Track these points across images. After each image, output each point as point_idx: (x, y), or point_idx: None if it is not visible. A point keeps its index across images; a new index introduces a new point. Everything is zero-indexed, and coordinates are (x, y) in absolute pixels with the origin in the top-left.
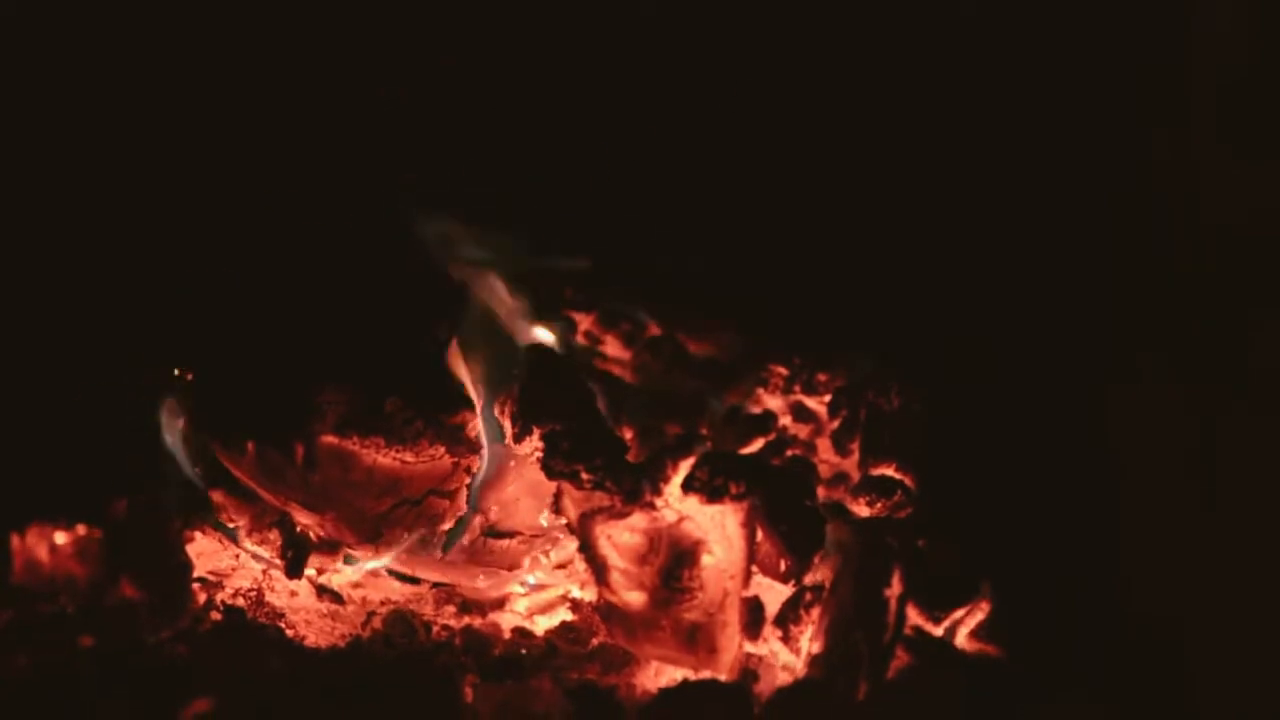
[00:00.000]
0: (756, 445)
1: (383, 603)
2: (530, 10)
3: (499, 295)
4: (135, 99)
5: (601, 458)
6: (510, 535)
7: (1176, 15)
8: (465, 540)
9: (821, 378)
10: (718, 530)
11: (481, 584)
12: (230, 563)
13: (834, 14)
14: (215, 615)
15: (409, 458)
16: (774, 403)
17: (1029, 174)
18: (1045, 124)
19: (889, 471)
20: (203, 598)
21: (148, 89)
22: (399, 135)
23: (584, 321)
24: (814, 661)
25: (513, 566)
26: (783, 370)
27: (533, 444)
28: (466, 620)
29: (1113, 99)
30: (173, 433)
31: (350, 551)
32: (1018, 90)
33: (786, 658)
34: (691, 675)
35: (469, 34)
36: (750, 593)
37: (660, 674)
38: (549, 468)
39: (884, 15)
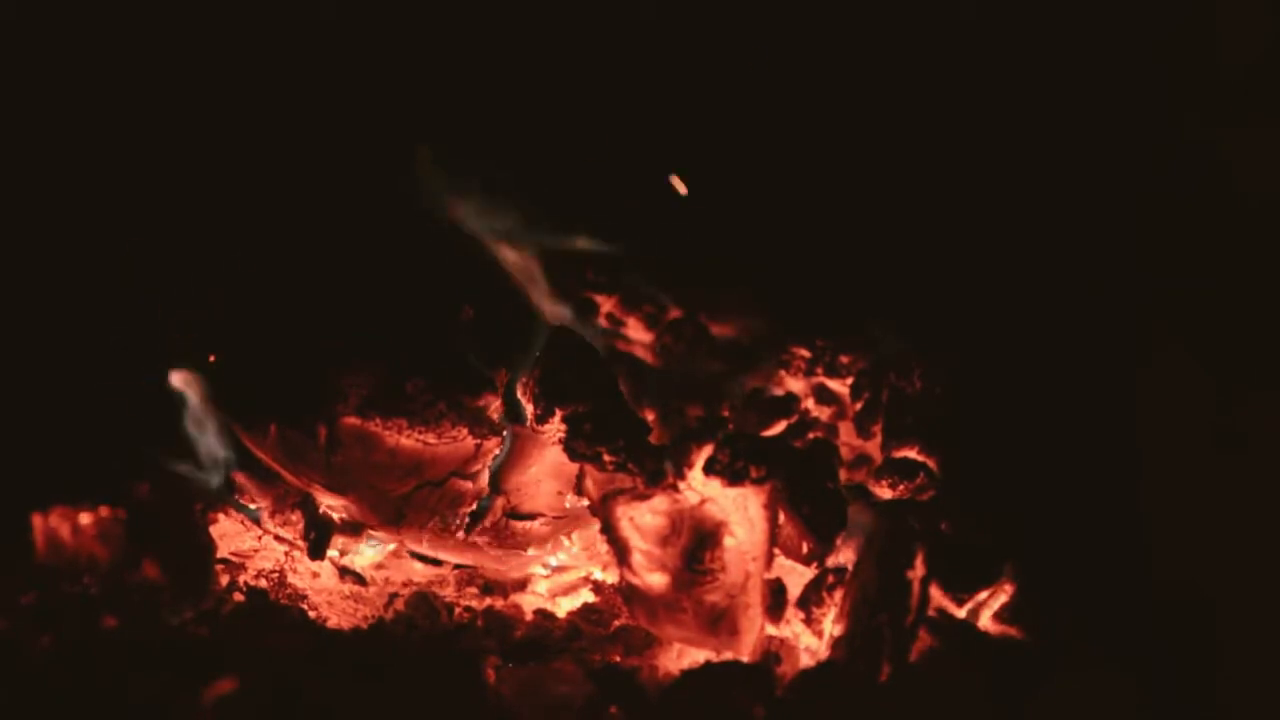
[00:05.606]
0: (779, 428)
1: (405, 584)
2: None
3: (523, 276)
4: (153, 86)
5: (624, 439)
6: (532, 517)
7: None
8: (487, 522)
9: (844, 360)
10: (740, 512)
11: (504, 566)
12: (253, 544)
13: None
14: (238, 597)
15: (431, 439)
16: (796, 385)
17: (1053, 156)
18: (1070, 105)
19: (911, 454)
20: (225, 579)
21: (164, 77)
22: (424, 117)
23: (606, 303)
24: (837, 644)
25: (535, 548)
26: (805, 352)
27: (555, 425)
28: (489, 602)
29: (1140, 83)
30: (196, 414)
31: (372, 533)
32: (1040, 74)
33: (809, 640)
34: (714, 657)
35: (496, 20)
36: (772, 575)
37: (682, 656)
38: (571, 449)
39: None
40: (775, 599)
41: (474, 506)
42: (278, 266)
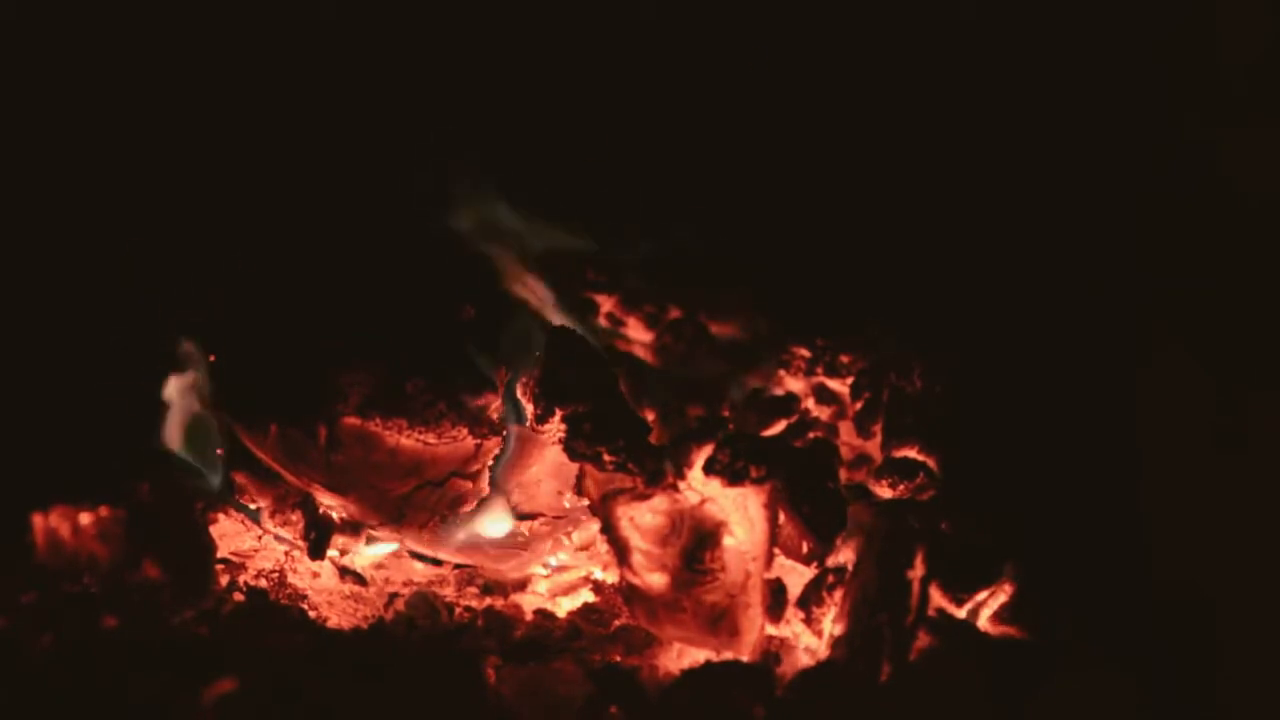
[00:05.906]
0: (779, 427)
1: (405, 584)
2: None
3: (523, 276)
4: (154, 87)
5: (624, 439)
6: (532, 517)
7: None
8: None
9: (844, 359)
10: (740, 512)
11: (504, 565)
12: (253, 544)
13: None
14: (238, 596)
15: (431, 439)
16: (796, 385)
17: (1053, 156)
18: (1071, 105)
19: (911, 453)
20: (225, 579)
21: (165, 77)
22: (424, 118)
23: (606, 303)
24: (836, 643)
25: (535, 548)
26: (805, 352)
27: (555, 425)
28: (489, 602)
29: (1140, 83)
30: (196, 414)
31: (373, 533)
32: (1040, 74)
33: (809, 640)
34: (714, 657)
35: (496, 21)
36: (773, 575)
37: (682, 655)
38: (571, 449)
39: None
40: (775, 599)
41: (474, 506)
42: (278, 267)
